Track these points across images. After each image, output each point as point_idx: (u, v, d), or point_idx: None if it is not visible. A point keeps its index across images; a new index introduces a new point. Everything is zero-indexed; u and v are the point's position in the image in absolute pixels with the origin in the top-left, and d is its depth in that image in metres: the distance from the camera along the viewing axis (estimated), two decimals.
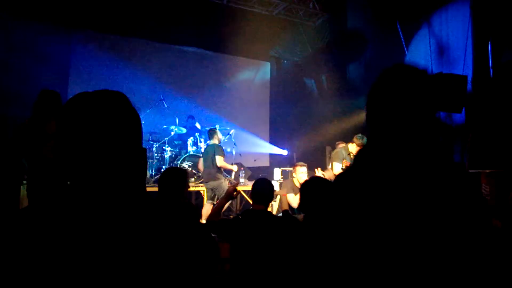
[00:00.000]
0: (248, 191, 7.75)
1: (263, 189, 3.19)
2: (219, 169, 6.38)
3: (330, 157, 10.26)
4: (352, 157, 5.99)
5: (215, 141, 6.50)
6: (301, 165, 5.58)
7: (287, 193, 5.46)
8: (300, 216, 4.58)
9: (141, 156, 0.99)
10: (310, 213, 2.78)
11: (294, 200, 5.33)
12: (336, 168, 5.82)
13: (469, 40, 7.34)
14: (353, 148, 5.96)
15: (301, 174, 5.45)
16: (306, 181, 3.02)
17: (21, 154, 3.83)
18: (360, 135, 5.99)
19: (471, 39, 7.27)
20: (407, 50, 8.08)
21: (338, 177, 1.22)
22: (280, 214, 5.52)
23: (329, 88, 9.64)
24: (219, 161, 6.24)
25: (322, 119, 9.61)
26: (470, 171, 6.62)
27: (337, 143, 7.20)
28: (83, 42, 7.79)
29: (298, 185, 5.41)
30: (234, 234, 2.99)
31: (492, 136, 6.47)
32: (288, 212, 5.25)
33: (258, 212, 3.10)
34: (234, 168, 7.06)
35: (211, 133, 6.58)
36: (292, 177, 5.72)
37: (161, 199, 2.98)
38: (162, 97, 7.80)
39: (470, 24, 6.90)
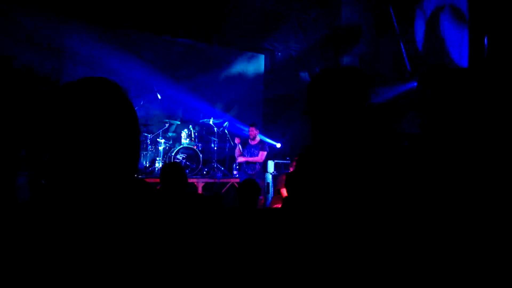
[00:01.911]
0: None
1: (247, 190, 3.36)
2: None
3: None
4: None
5: None
6: None
7: (282, 187, 5.46)
8: None
9: (135, 141, 0.95)
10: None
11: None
12: None
13: (465, 32, 7.36)
14: None
15: None
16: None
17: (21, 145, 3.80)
18: None
19: (467, 31, 7.29)
20: (402, 42, 8.09)
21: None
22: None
23: None
24: None
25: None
26: None
27: None
28: (77, 33, 7.68)
29: None
30: None
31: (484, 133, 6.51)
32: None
33: None
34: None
35: None
36: (291, 170, 5.72)
37: (168, 191, 3.03)
38: (155, 89, 7.75)
39: (467, 14, 6.92)
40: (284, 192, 5.40)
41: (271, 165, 8.25)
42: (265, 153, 6.96)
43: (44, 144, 0.89)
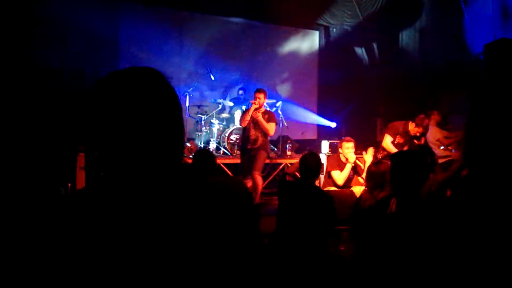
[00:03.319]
0: (294, 164, 7.72)
1: (310, 163, 3.41)
2: None
3: (381, 130, 9.95)
4: (408, 136, 5.69)
5: None
6: (347, 140, 5.31)
7: (331, 169, 5.27)
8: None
9: (180, 128, 0.97)
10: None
11: (339, 177, 5.15)
12: (386, 140, 5.56)
13: None
14: (412, 127, 5.62)
15: (347, 150, 5.26)
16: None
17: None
18: (423, 116, 5.62)
19: None
20: (467, 13, 7.51)
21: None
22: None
23: (381, 57, 9.23)
24: None
25: (373, 90, 9.26)
26: None
27: None
28: (131, 16, 7.86)
29: (344, 161, 5.25)
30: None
31: None
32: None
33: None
34: None
35: None
36: (339, 152, 5.49)
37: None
38: (209, 70, 7.80)
39: None
40: (332, 174, 5.22)
41: (325, 145, 8.09)
42: (274, 125, 6.05)
43: (94, 137, 0.92)
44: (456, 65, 7.91)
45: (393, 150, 5.49)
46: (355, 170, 5.37)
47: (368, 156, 5.18)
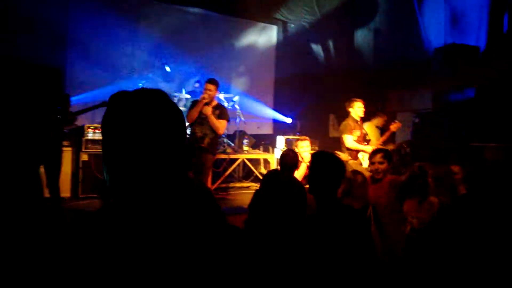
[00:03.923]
0: (252, 159, 7.73)
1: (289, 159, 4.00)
2: None
3: (333, 126, 10.18)
4: (360, 124, 5.83)
5: None
6: (302, 139, 5.45)
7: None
8: None
9: (184, 148, 1.03)
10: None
11: (296, 174, 5.23)
12: (348, 140, 5.67)
13: (484, 9, 7.09)
14: (354, 112, 5.77)
15: (302, 149, 5.36)
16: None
17: None
18: (349, 100, 5.84)
19: (487, 9, 7.02)
20: (420, 16, 7.80)
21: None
22: None
23: (336, 54, 9.41)
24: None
25: (328, 87, 9.43)
26: (474, 144, 6.58)
27: None
28: (82, 2, 7.43)
29: (300, 159, 5.32)
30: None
31: (502, 111, 6.36)
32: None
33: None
34: None
35: None
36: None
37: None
38: (164, 61, 7.56)
39: None
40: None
41: (280, 140, 8.16)
42: (226, 122, 5.53)
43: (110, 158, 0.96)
44: (407, 65, 8.24)
45: (361, 147, 5.61)
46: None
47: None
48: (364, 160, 5.58)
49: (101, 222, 0.92)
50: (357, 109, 5.74)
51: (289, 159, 4.02)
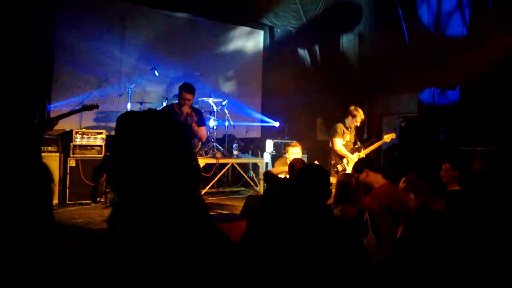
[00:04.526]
0: (241, 163, 7.74)
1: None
2: None
3: (320, 129, 10.27)
4: (351, 131, 5.91)
5: None
6: (293, 146, 5.44)
7: (278, 172, 5.30)
8: None
9: (189, 170, 1.02)
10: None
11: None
12: (337, 143, 5.72)
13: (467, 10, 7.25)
14: (349, 121, 5.83)
15: (292, 155, 5.36)
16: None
17: None
18: (353, 107, 5.85)
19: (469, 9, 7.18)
20: (403, 19, 7.94)
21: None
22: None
23: (322, 59, 9.51)
24: None
25: (314, 91, 9.53)
26: (462, 148, 6.73)
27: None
28: (70, 6, 7.35)
29: None
30: None
31: (486, 114, 6.52)
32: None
33: None
34: None
35: None
36: (286, 157, 5.61)
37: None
38: (153, 66, 7.53)
39: None
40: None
41: (269, 144, 8.20)
42: (205, 129, 5.19)
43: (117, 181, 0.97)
44: (393, 69, 8.39)
45: (347, 153, 5.67)
46: None
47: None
48: (348, 166, 5.62)
49: (113, 250, 0.92)
50: (355, 120, 5.78)
51: (297, 167, 3.89)
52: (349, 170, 5.48)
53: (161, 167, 0.95)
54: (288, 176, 4.38)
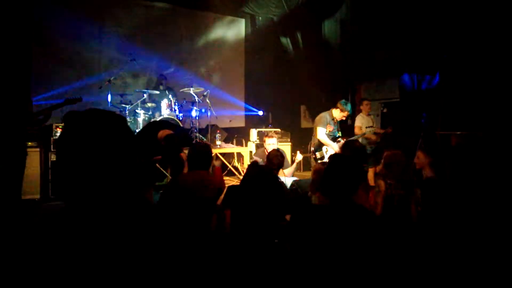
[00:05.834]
0: (225, 153, 7.75)
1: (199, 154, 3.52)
2: None
3: (304, 117, 10.31)
4: (336, 122, 5.98)
5: None
6: (270, 137, 5.68)
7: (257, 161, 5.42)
8: None
9: (133, 164, 1.10)
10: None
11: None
12: (320, 133, 5.79)
13: None
14: (337, 114, 5.91)
15: (269, 146, 5.51)
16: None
17: None
18: (344, 101, 5.92)
19: None
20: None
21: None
22: None
23: (304, 46, 9.49)
24: None
25: (297, 78, 9.53)
26: (442, 132, 6.84)
27: None
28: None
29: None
30: None
31: (466, 98, 6.62)
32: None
33: None
34: None
35: None
36: (264, 148, 5.76)
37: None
38: (133, 57, 7.45)
39: None
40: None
41: (253, 133, 8.21)
42: None
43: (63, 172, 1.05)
44: (374, 55, 8.43)
45: (329, 142, 5.74)
46: None
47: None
48: (326, 154, 5.74)
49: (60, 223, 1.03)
50: (343, 114, 5.89)
51: (275, 159, 4.03)
52: (326, 158, 5.58)
53: (98, 163, 1.02)
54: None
